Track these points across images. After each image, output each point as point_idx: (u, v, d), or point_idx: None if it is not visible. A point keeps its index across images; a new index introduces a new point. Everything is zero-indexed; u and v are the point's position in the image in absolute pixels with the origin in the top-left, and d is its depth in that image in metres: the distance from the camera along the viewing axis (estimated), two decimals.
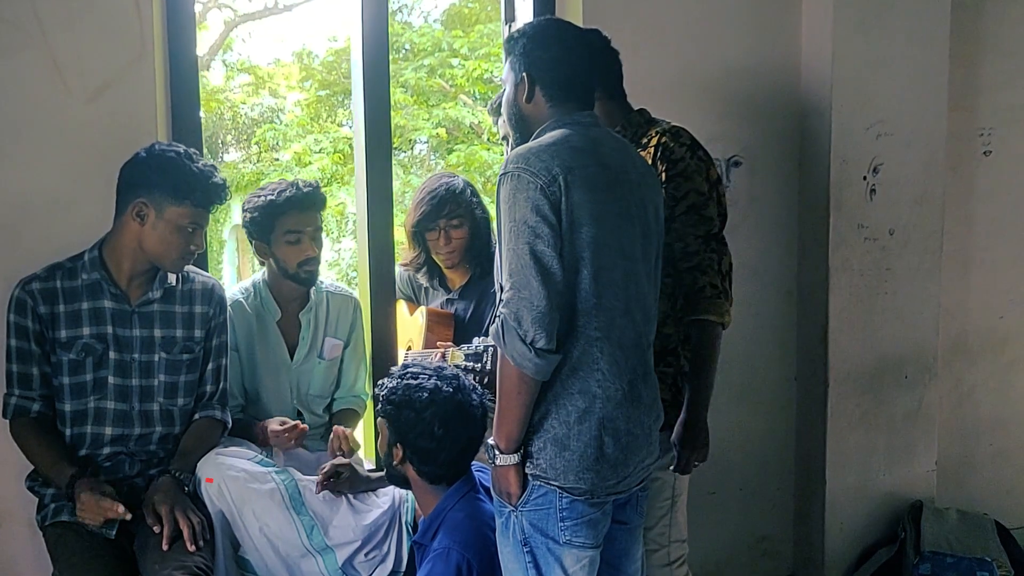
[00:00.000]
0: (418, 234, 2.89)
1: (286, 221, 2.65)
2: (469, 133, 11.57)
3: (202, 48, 14.16)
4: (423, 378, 2.16)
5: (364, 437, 3.08)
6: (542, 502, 1.89)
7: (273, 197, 2.65)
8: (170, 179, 2.23)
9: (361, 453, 2.94)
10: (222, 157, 15.48)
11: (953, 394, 3.70)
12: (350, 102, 13.91)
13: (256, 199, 2.69)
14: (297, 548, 2.32)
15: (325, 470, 2.41)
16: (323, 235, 2.76)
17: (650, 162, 2.27)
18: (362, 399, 2.90)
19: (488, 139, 11.35)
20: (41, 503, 2.31)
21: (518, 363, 1.79)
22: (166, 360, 2.37)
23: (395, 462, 2.19)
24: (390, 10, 12.94)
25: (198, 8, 13.57)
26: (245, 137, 15.01)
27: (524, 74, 1.99)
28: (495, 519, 2.03)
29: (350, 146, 11.65)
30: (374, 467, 2.81)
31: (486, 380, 2.49)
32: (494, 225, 2.01)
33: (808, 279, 3.37)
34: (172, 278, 2.40)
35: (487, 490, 2.21)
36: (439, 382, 2.16)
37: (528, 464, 1.90)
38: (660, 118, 2.42)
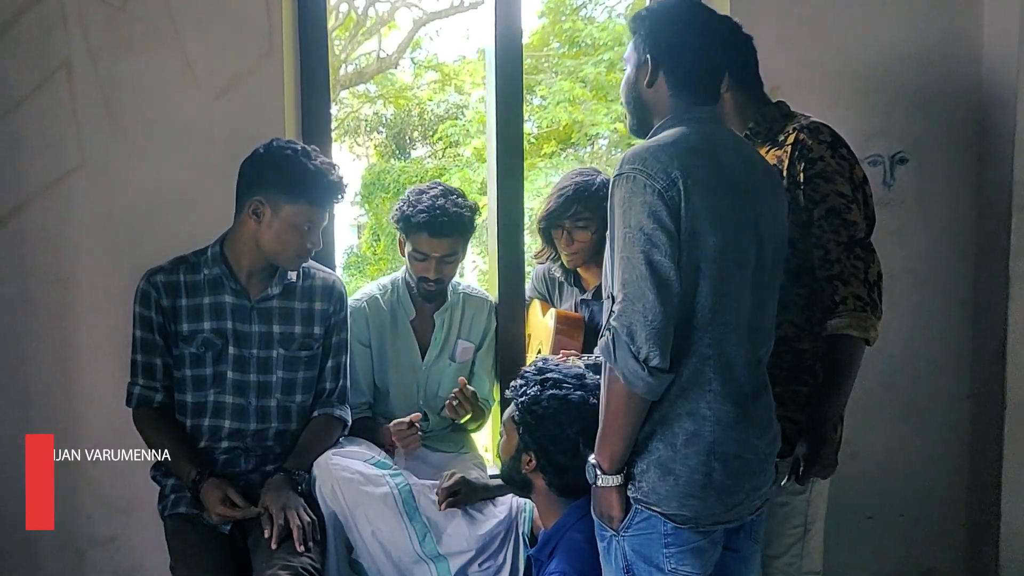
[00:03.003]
0: (545, 230, 2.80)
1: (416, 240, 2.63)
2: None
3: (391, 46, 14.61)
4: (567, 388, 2.03)
5: (492, 444, 3.01)
6: (645, 527, 1.75)
7: (411, 213, 2.60)
8: (285, 177, 2.21)
9: (487, 458, 2.88)
10: (409, 153, 15.93)
11: None
12: (533, 98, 14.03)
13: (400, 205, 2.66)
14: (409, 554, 2.27)
15: (440, 497, 2.35)
16: (460, 258, 2.70)
17: (787, 161, 2.08)
18: (489, 405, 2.83)
19: None
20: (162, 493, 2.36)
21: (629, 381, 1.65)
22: (284, 356, 2.37)
23: (524, 469, 2.09)
24: (574, 5, 12.94)
25: (386, 7, 14.00)
26: (431, 133, 15.36)
27: (648, 57, 1.83)
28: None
29: (529, 141, 11.72)
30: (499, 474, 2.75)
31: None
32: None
33: (985, 288, 3.04)
34: (292, 274, 2.39)
35: None
36: (585, 394, 2.03)
37: (630, 487, 1.76)
38: (800, 112, 2.20)
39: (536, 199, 9.40)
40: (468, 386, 2.62)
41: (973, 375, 3.11)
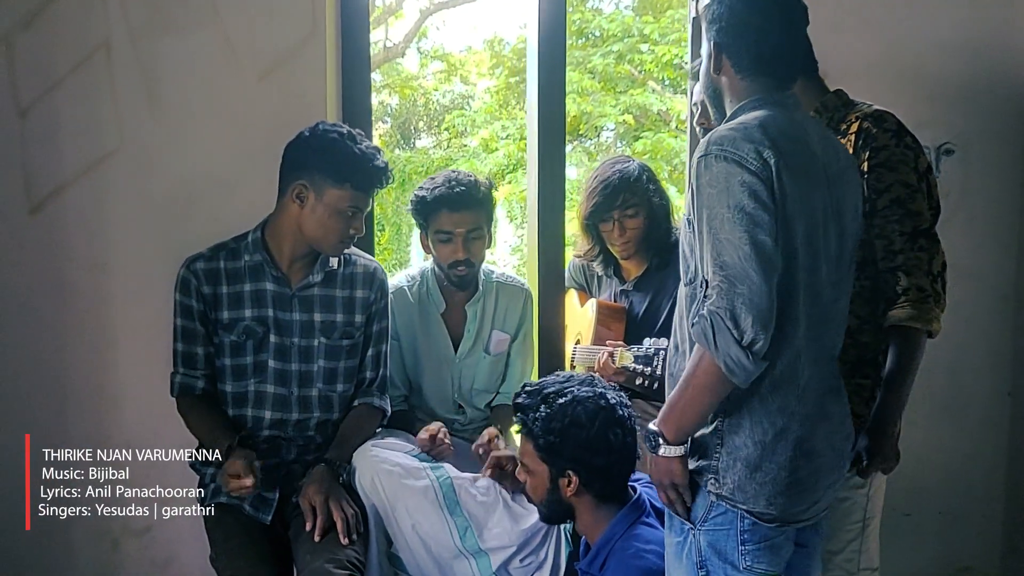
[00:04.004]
0: (592, 226, 2.75)
1: (437, 220, 2.56)
2: (657, 120, 11.31)
3: (397, 36, 14.55)
4: (570, 392, 2.00)
5: None
6: (722, 521, 1.71)
7: (425, 194, 2.56)
8: (331, 160, 2.17)
9: None
10: (414, 143, 15.88)
11: None
12: None
13: (415, 193, 2.61)
14: (449, 549, 2.24)
15: (490, 462, 2.32)
16: (486, 235, 2.61)
17: (851, 151, 2.03)
18: None
19: (676, 126, 11.04)
20: (201, 482, 2.32)
21: (730, 369, 1.58)
22: (326, 345, 2.32)
23: (567, 495, 2.03)
24: None
25: None
26: (436, 123, 15.31)
27: (712, 43, 1.79)
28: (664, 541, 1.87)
29: None
30: None
31: (655, 385, 2.32)
32: (680, 211, 1.80)
33: None
34: (334, 261, 2.34)
35: (657, 512, 2.04)
36: (588, 388, 2.01)
37: (713, 482, 1.72)
38: (860, 100, 2.16)
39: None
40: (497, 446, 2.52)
41: (1014, 372, 3.08)
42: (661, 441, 1.71)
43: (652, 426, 1.73)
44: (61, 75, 2.47)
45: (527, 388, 2.10)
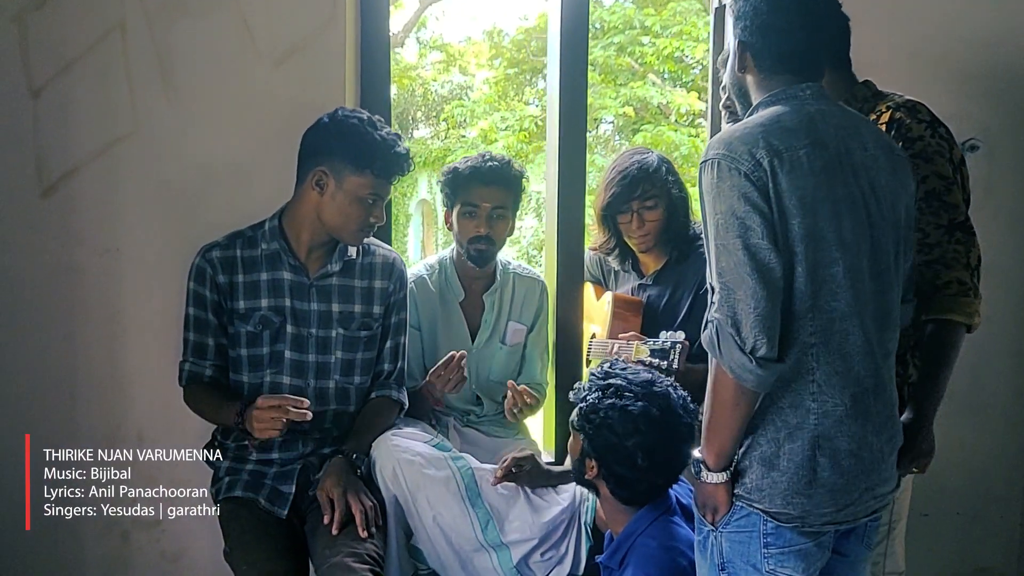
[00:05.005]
0: (609, 217, 2.69)
1: (466, 193, 2.57)
2: (656, 113, 11.28)
3: (397, 26, 14.50)
4: (628, 398, 1.94)
5: (543, 429, 2.93)
6: (744, 524, 1.68)
7: (459, 166, 2.58)
8: (351, 147, 2.13)
9: (540, 445, 2.80)
10: (412, 133, 15.86)
11: None
12: (538, 80, 13.92)
13: (449, 166, 2.62)
14: (470, 542, 2.21)
15: (506, 463, 2.28)
16: (509, 218, 2.62)
17: None
18: (542, 389, 2.74)
19: (676, 119, 11.02)
20: (216, 476, 2.28)
21: (737, 375, 1.57)
22: (343, 336, 2.28)
23: (588, 475, 2.01)
24: None
25: None
26: (434, 114, 15.30)
27: (737, 41, 1.78)
28: (692, 544, 1.83)
29: (536, 124, 11.66)
30: (552, 460, 2.68)
31: (672, 379, 2.28)
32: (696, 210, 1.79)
33: None
34: (352, 251, 2.30)
35: (683, 508, 2.00)
36: (647, 405, 1.94)
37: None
38: (889, 91, 2.12)
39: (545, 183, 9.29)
40: (516, 385, 2.53)
41: None
42: (704, 468, 1.69)
43: (696, 453, 1.72)
44: (75, 56, 2.43)
45: (608, 366, 2.07)
